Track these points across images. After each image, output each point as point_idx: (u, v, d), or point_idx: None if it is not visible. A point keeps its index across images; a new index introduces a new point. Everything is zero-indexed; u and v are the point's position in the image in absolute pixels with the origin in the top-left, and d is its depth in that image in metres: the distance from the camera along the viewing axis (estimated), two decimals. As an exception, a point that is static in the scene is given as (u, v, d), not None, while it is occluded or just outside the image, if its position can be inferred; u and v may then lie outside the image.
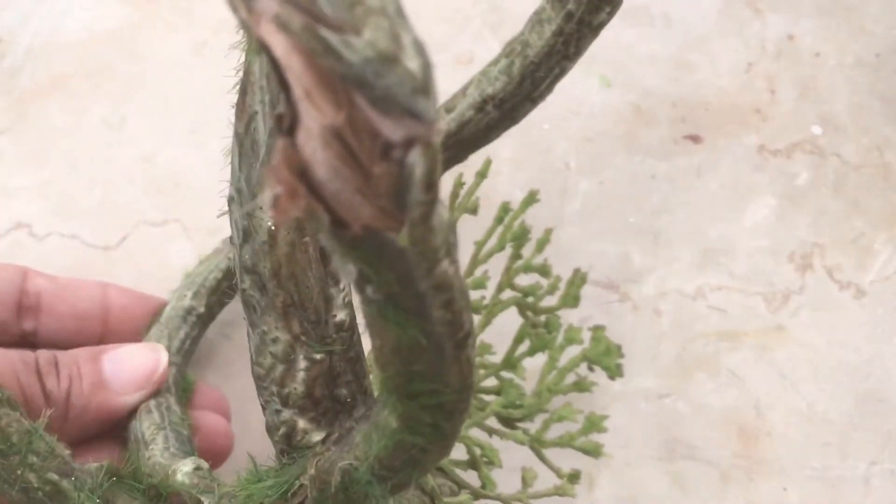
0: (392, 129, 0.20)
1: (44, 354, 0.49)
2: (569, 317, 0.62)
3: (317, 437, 0.40)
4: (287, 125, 0.21)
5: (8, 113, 0.70)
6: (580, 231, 0.66)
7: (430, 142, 0.20)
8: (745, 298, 0.64)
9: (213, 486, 0.44)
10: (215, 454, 0.54)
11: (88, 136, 0.69)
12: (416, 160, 0.20)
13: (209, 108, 0.67)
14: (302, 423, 0.40)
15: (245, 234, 0.39)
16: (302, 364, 0.39)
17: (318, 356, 0.39)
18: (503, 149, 0.68)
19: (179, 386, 0.55)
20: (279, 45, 0.20)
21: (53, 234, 0.66)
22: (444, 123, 0.54)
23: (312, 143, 0.20)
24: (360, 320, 0.40)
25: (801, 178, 0.67)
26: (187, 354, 0.57)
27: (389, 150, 0.20)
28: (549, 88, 0.54)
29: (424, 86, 0.19)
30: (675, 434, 0.60)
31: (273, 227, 0.38)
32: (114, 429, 0.53)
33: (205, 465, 0.47)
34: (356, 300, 0.34)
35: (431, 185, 0.21)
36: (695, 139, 0.69)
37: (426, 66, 0.19)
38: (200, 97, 0.70)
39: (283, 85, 0.20)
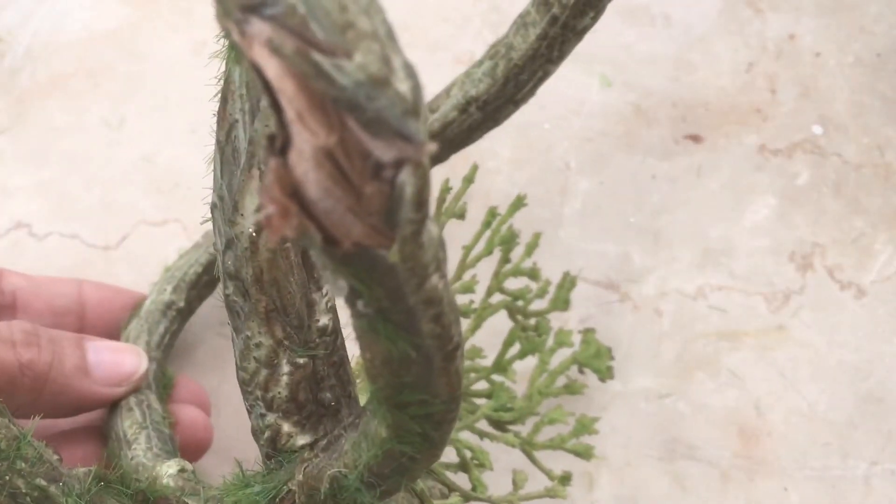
0: (383, 150, 0.20)
1: (21, 324, 0.49)
2: (569, 317, 0.62)
3: (301, 440, 0.40)
4: (279, 146, 0.21)
5: (8, 113, 0.70)
6: (580, 231, 0.66)
7: (420, 162, 0.20)
8: (746, 298, 0.64)
9: (199, 488, 0.45)
10: (194, 447, 0.54)
11: (88, 136, 0.69)
12: (407, 180, 0.21)
13: (209, 108, 0.66)
14: (286, 427, 0.40)
15: (227, 240, 0.39)
16: (285, 368, 0.40)
17: (301, 360, 0.39)
18: (503, 148, 0.68)
19: (160, 382, 0.55)
20: (272, 68, 0.20)
21: (53, 234, 0.66)
22: (431, 135, 0.54)
23: (304, 163, 0.20)
24: (344, 325, 0.40)
25: (801, 177, 0.67)
26: (167, 349, 0.57)
27: (380, 171, 0.20)
28: (532, 91, 0.54)
29: (415, 108, 0.20)
30: (675, 434, 0.60)
31: (254, 234, 0.38)
32: (91, 422, 0.54)
33: (189, 466, 0.47)
34: (340, 307, 0.34)
35: (421, 204, 0.21)
36: (695, 139, 0.69)
37: (416, 89, 0.20)
38: (200, 97, 0.69)
39: (276, 107, 0.20)
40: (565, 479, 0.51)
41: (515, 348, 0.53)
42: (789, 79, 0.71)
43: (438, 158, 0.57)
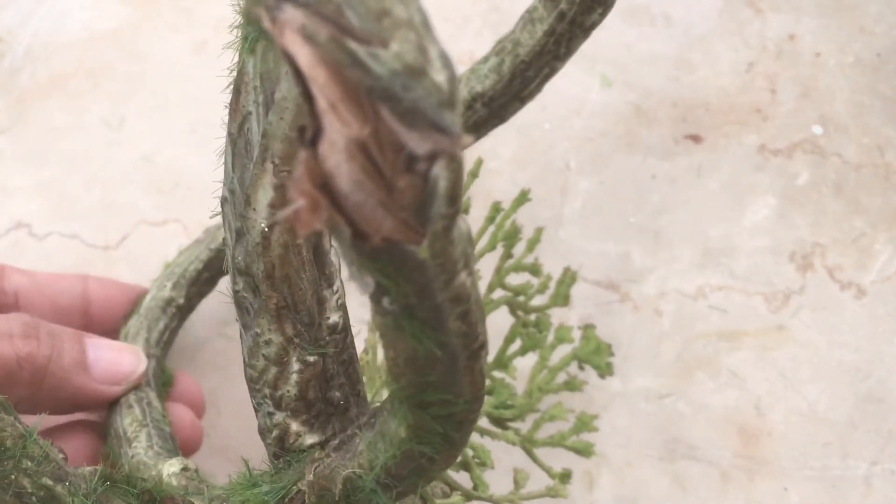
0: (417, 143, 0.20)
1: (20, 316, 0.49)
2: (569, 317, 0.62)
3: (310, 439, 0.40)
4: (310, 137, 0.20)
5: (8, 113, 0.70)
6: (580, 231, 0.66)
7: (455, 155, 0.20)
8: (746, 298, 0.64)
9: (203, 487, 0.44)
10: (182, 446, 0.54)
11: (88, 136, 0.69)
12: (441, 173, 0.20)
13: (209, 108, 0.66)
14: (295, 426, 0.40)
15: (238, 235, 0.39)
16: (295, 366, 0.39)
17: (311, 358, 0.39)
18: (504, 148, 0.68)
19: (159, 379, 0.54)
20: (304, 56, 0.20)
21: (53, 234, 0.66)
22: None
23: (336, 155, 0.20)
24: (353, 323, 0.40)
25: (801, 177, 0.67)
26: (166, 346, 0.57)
27: (414, 164, 0.20)
28: (539, 88, 0.54)
29: (451, 99, 0.19)
30: (675, 434, 0.60)
31: (266, 229, 0.38)
32: (85, 415, 0.53)
33: (192, 465, 0.46)
34: (349, 304, 0.33)
35: (455, 199, 0.21)
36: (695, 139, 0.69)
37: (452, 80, 0.19)
38: (200, 97, 0.70)
39: (307, 96, 0.20)
40: (565, 476, 0.51)
41: (516, 344, 0.53)
42: (789, 79, 0.71)
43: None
